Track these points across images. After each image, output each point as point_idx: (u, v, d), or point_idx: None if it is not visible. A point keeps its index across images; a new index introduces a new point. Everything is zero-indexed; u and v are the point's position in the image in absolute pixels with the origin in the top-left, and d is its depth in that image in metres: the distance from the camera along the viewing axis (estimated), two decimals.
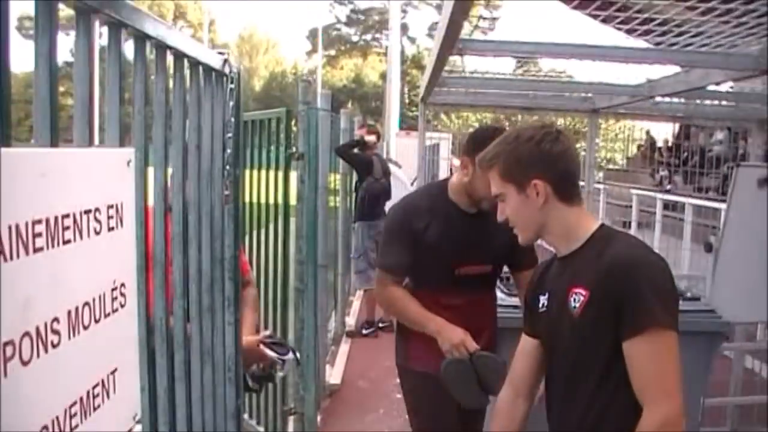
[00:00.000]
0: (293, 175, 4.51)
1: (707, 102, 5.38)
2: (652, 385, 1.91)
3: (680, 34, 3.24)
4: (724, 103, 5.29)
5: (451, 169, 12.86)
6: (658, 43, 3.44)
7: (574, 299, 2.04)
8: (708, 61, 3.21)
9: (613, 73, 4.78)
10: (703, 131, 14.32)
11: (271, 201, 4.59)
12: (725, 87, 4.28)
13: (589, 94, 5.44)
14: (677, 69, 4.08)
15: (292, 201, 4.58)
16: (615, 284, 1.95)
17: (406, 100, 43.10)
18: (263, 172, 4.59)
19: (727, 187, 5.79)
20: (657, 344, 1.91)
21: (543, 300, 2.22)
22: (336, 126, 7.63)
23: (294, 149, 4.45)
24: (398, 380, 3.49)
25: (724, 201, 6.27)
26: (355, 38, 54.98)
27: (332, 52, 54.30)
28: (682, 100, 5.25)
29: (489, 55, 3.49)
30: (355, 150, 8.09)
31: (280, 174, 4.49)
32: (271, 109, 4.80)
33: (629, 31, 3.65)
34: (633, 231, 10.02)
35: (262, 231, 4.65)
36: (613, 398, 2.02)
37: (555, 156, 2.10)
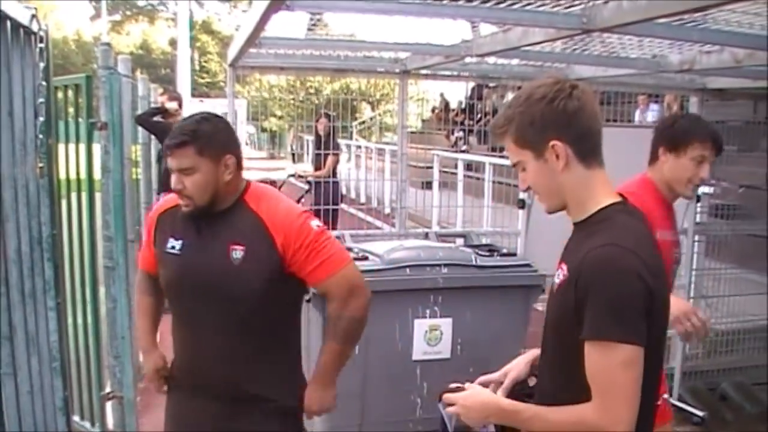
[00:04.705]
0: (95, 147, 4.22)
1: (514, 62, 5.57)
2: (596, 395, 1.81)
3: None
4: (530, 63, 5.50)
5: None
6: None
7: (558, 274, 1.97)
8: (532, 19, 3.32)
9: (424, 35, 4.84)
10: (495, 92, 14.85)
11: (72, 176, 4.28)
12: (538, 48, 4.44)
13: (406, 54, 5.47)
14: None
15: (97, 175, 4.29)
16: (583, 282, 1.83)
17: (196, 67, 41.97)
18: (61, 146, 4.25)
19: None
20: (608, 357, 1.78)
21: None
22: (134, 93, 7.23)
23: (97, 119, 4.15)
24: None
25: None
26: (141, 2, 52.52)
27: (117, 17, 51.58)
28: (490, 60, 5.42)
29: (324, 11, 3.39)
30: (157, 118, 7.73)
31: (82, 146, 4.19)
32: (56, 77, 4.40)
33: None
34: (435, 191, 10.30)
35: (65, 208, 4.32)
36: (568, 371, 1.92)
37: (570, 114, 1.92)
